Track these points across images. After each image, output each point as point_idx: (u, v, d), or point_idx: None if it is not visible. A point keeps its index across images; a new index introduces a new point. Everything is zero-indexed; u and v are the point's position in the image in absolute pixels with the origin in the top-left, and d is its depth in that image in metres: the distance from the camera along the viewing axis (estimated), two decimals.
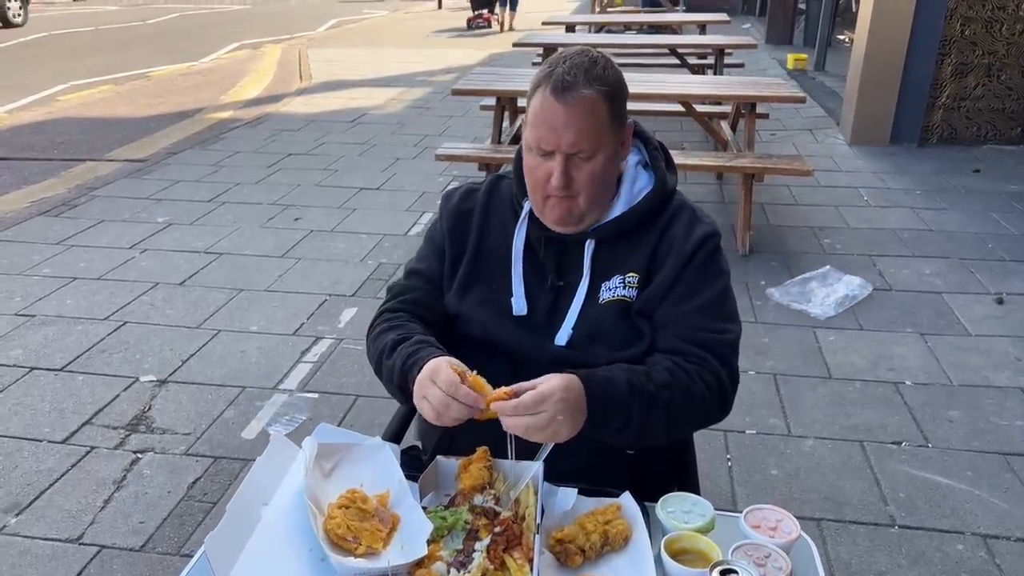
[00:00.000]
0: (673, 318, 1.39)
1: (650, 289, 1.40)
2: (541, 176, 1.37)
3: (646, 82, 5.12)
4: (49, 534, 2.38)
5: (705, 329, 1.38)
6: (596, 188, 1.38)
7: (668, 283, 1.39)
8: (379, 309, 1.56)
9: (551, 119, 1.32)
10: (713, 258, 1.42)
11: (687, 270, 1.40)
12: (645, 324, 1.40)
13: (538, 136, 1.34)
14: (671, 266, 1.40)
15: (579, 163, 1.35)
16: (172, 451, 2.77)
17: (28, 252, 4.48)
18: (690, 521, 1.18)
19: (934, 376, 3.20)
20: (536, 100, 1.35)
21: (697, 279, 1.40)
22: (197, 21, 17.26)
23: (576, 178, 1.35)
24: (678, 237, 1.42)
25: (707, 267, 1.41)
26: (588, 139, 1.33)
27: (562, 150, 1.33)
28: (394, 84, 9.64)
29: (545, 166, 1.36)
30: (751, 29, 13.87)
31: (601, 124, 1.34)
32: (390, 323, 1.48)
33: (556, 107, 1.31)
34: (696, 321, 1.38)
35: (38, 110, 8.34)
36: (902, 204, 5.17)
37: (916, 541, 2.34)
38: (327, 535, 1.13)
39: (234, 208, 5.22)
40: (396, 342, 1.40)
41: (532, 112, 1.36)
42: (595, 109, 1.32)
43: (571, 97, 1.31)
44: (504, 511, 1.21)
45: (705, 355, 1.36)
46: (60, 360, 3.34)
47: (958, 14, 6.15)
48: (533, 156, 1.37)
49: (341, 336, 3.55)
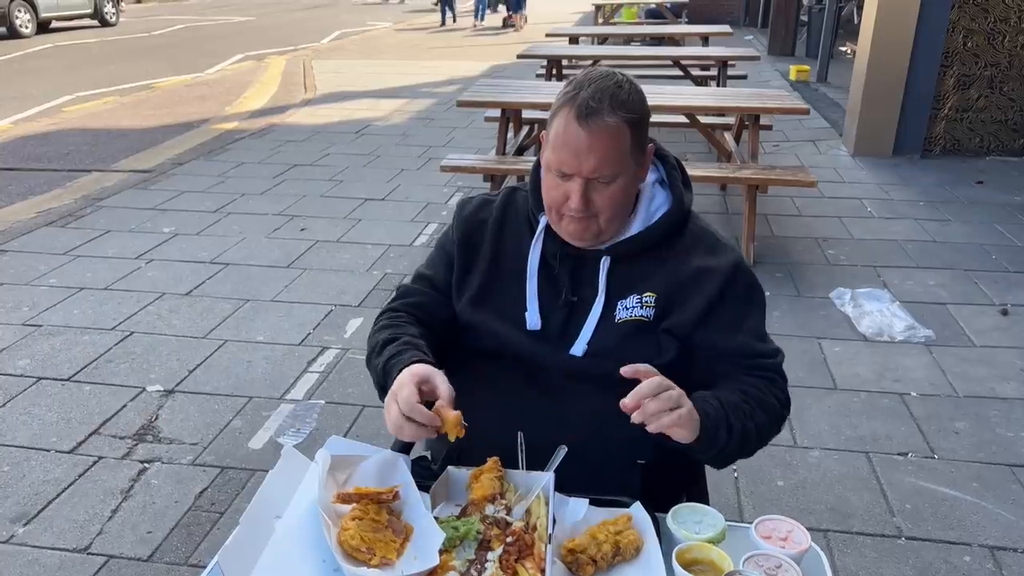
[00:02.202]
0: (733, 343, 1.41)
1: (683, 315, 1.40)
2: (559, 196, 1.38)
3: (651, 94, 5.07)
4: (57, 544, 2.39)
5: (764, 354, 1.43)
6: (615, 210, 1.39)
7: (703, 308, 1.40)
8: (383, 308, 1.57)
9: (573, 143, 1.32)
10: (755, 285, 1.47)
11: (728, 296, 1.41)
12: (671, 342, 1.40)
13: (559, 159, 1.34)
14: (705, 292, 1.40)
15: (599, 187, 1.35)
16: (179, 461, 2.77)
17: (35, 262, 4.50)
18: (701, 532, 1.19)
19: (940, 387, 3.20)
20: (559, 122, 1.34)
21: (745, 305, 1.44)
22: (202, 33, 17.36)
23: (595, 201, 1.36)
24: (705, 263, 1.43)
25: (753, 294, 1.46)
26: (609, 165, 1.33)
27: (582, 175, 1.33)
28: (398, 95, 9.69)
29: (564, 187, 1.36)
30: (753, 41, 13.93)
31: (623, 151, 1.34)
32: (388, 321, 1.50)
33: (579, 132, 1.31)
34: (754, 347, 1.43)
35: (44, 121, 8.39)
36: (906, 215, 5.18)
37: (923, 553, 2.34)
38: (341, 546, 1.13)
39: (240, 218, 5.24)
40: (386, 341, 1.43)
41: (554, 134, 1.35)
42: (618, 136, 1.32)
43: (595, 124, 1.30)
44: (516, 521, 1.21)
45: (774, 376, 1.43)
46: (67, 370, 3.35)
47: (960, 26, 6.18)
48: (552, 176, 1.38)
49: (347, 346, 3.56)
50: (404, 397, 1.24)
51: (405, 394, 1.24)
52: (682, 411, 1.20)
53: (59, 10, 16.63)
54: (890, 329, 3.63)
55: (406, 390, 1.25)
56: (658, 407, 1.18)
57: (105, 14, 17.88)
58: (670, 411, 1.19)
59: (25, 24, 15.65)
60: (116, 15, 18.42)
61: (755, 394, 1.37)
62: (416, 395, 1.24)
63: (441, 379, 1.30)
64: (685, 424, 1.21)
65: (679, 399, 1.21)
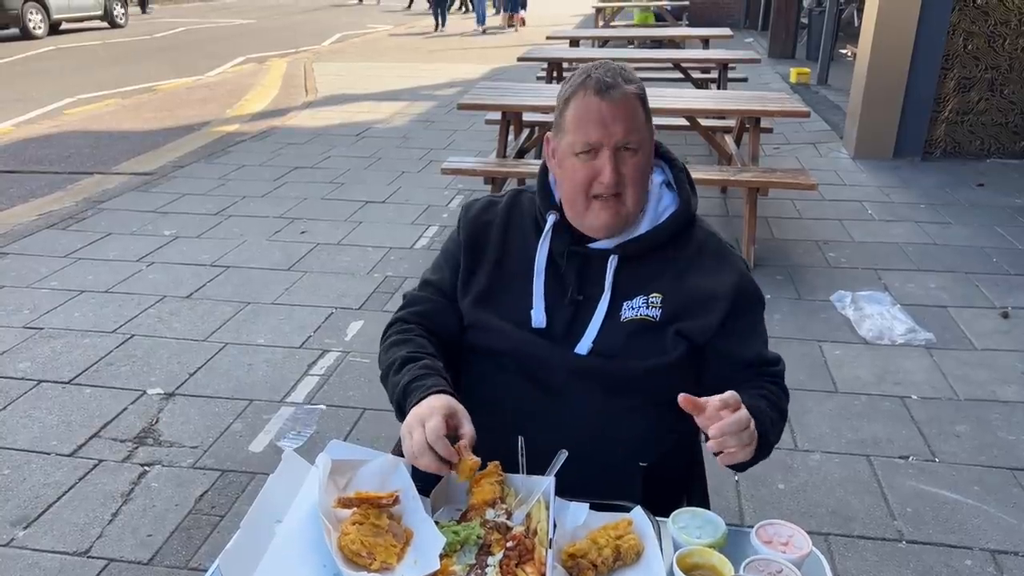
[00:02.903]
0: (750, 351, 1.46)
1: (698, 321, 1.41)
2: (586, 177, 1.39)
3: (651, 96, 5.10)
4: (57, 547, 2.39)
5: (772, 361, 1.48)
6: (641, 186, 1.43)
7: (721, 317, 1.42)
8: (393, 317, 1.58)
9: (597, 116, 1.37)
10: (759, 290, 1.50)
11: (740, 305, 1.44)
12: (682, 343, 1.41)
13: (585, 134, 1.38)
14: (720, 299, 1.42)
15: (626, 158, 1.39)
16: (179, 464, 2.77)
17: (36, 265, 4.50)
18: (702, 536, 1.19)
19: (940, 390, 3.19)
20: (577, 104, 1.39)
21: (755, 313, 1.48)
22: (203, 35, 17.38)
23: (624, 174, 1.39)
24: (714, 268, 1.45)
25: (760, 300, 1.49)
26: (636, 132, 1.38)
27: (612, 144, 1.37)
28: (399, 98, 9.69)
29: (591, 166, 1.39)
30: (754, 43, 13.93)
31: (643, 121, 1.41)
32: (402, 336, 1.50)
33: (602, 104, 1.36)
34: (765, 354, 1.48)
35: (46, 123, 8.40)
36: (906, 218, 5.18)
37: (924, 556, 2.33)
38: (341, 551, 1.13)
39: (240, 221, 5.24)
40: (405, 360, 1.42)
41: (573, 116, 1.39)
42: (637, 105, 1.40)
43: (616, 94, 1.37)
44: (516, 526, 1.21)
45: (782, 383, 1.48)
46: (68, 373, 3.35)
47: (960, 29, 6.18)
48: (577, 160, 1.40)
49: (348, 349, 3.56)
50: (432, 426, 1.24)
51: (433, 424, 1.24)
52: (753, 446, 1.23)
53: (70, 12, 16.81)
54: (891, 332, 3.63)
55: (435, 420, 1.24)
56: (738, 445, 1.20)
57: (115, 16, 18.07)
58: (744, 447, 1.22)
59: (37, 25, 15.74)
60: (125, 17, 18.63)
61: (775, 401, 1.41)
62: (444, 427, 1.24)
63: (466, 418, 1.30)
64: (745, 456, 1.24)
65: (753, 434, 1.23)
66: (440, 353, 1.47)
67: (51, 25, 16.26)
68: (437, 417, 1.25)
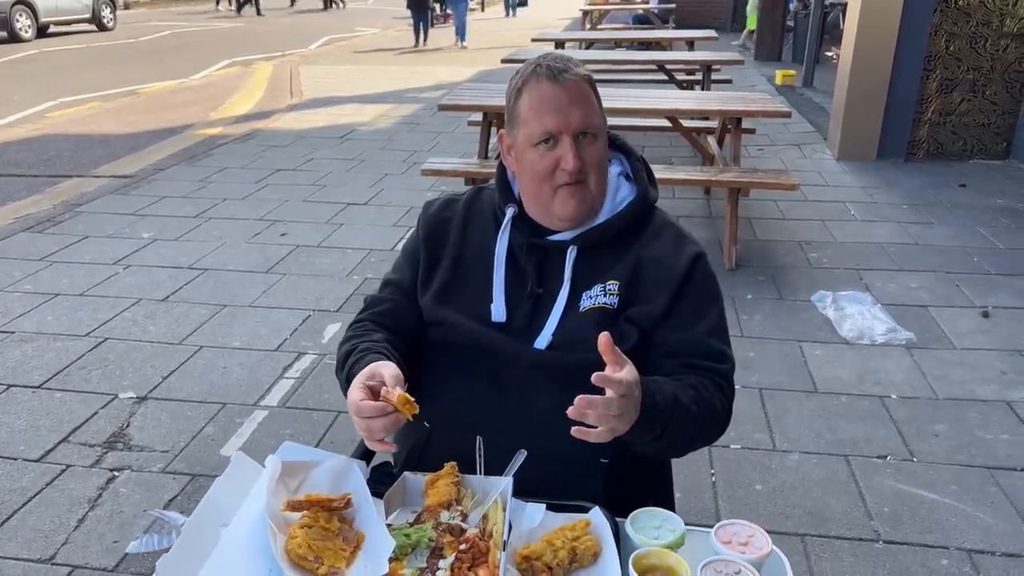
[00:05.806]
0: (684, 340, 1.39)
1: (645, 307, 1.38)
2: (548, 167, 1.37)
3: (634, 98, 5.13)
4: (21, 554, 2.33)
5: (716, 354, 1.40)
6: (603, 171, 1.42)
7: (666, 302, 1.39)
8: (353, 319, 1.56)
9: (554, 102, 1.35)
10: (712, 280, 1.45)
11: (687, 291, 1.40)
12: (632, 330, 1.38)
13: (543, 123, 1.35)
14: (667, 284, 1.39)
15: (585, 144, 1.37)
16: (149, 469, 2.73)
17: (10, 268, 4.44)
18: (660, 537, 1.16)
19: (920, 390, 3.18)
20: (529, 94, 1.37)
21: (701, 301, 1.42)
22: (189, 39, 17.30)
23: (586, 160, 1.37)
24: (667, 254, 1.42)
25: (709, 289, 1.44)
26: (593, 116, 1.37)
27: (571, 129, 1.35)
28: (384, 100, 9.66)
29: (551, 155, 1.37)
30: (740, 46, 13.96)
31: (597, 107, 1.39)
32: (352, 333, 1.50)
33: (556, 90, 1.35)
34: (708, 345, 1.40)
35: (26, 126, 8.32)
36: (889, 218, 5.18)
37: (900, 556, 2.31)
38: (287, 555, 1.10)
39: (220, 224, 5.19)
40: (347, 353, 1.43)
41: (528, 107, 1.37)
42: (589, 91, 1.38)
43: (568, 78, 1.35)
44: (471, 528, 1.18)
45: (721, 382, 1.39)
46: (38, 377, 3.30)
47: (943, 30, 6.20)
48: (536, 151, 1.38)
49: (324, 352, 3.52)
50: (352, 400, 1.24)
51: (352, 397, 1.24)
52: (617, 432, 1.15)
53: (58, 14, 16.70)
54: (871, 332, 3.61)
55: (353, 393, 1.24)
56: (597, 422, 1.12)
57: (103, 18, 17.95)
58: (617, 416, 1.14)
59: (25, 28, 15.63)
60: (113, 20, 18.51)
61: (705, 397, 1.34)
62: (361, 395, 1.23)
63: (387, 368, 1.27)
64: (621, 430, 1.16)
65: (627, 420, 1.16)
66: (395, 343, 1.45)
67: (39, 28, 16.17)
68: (355, 391, 1.24)
